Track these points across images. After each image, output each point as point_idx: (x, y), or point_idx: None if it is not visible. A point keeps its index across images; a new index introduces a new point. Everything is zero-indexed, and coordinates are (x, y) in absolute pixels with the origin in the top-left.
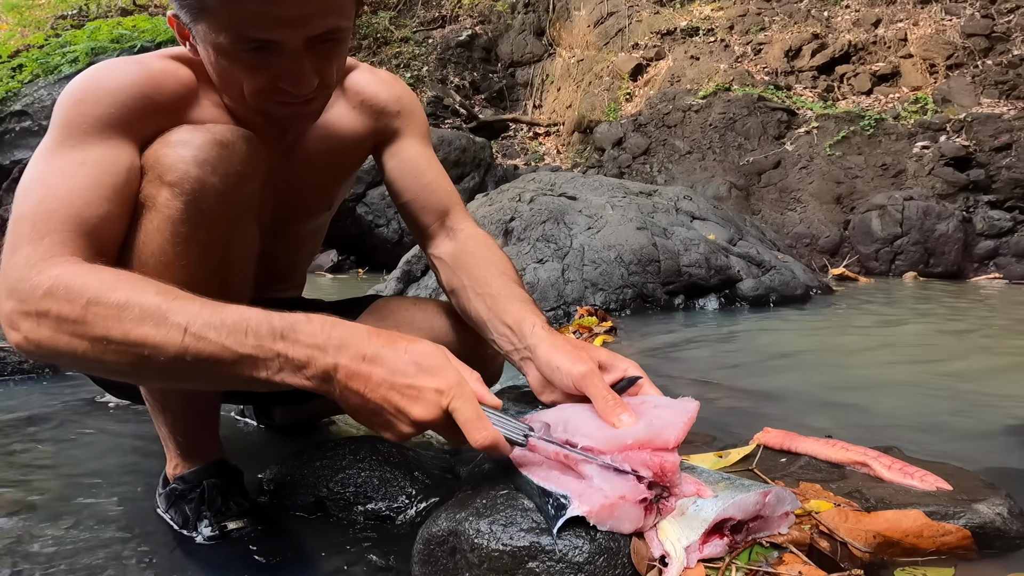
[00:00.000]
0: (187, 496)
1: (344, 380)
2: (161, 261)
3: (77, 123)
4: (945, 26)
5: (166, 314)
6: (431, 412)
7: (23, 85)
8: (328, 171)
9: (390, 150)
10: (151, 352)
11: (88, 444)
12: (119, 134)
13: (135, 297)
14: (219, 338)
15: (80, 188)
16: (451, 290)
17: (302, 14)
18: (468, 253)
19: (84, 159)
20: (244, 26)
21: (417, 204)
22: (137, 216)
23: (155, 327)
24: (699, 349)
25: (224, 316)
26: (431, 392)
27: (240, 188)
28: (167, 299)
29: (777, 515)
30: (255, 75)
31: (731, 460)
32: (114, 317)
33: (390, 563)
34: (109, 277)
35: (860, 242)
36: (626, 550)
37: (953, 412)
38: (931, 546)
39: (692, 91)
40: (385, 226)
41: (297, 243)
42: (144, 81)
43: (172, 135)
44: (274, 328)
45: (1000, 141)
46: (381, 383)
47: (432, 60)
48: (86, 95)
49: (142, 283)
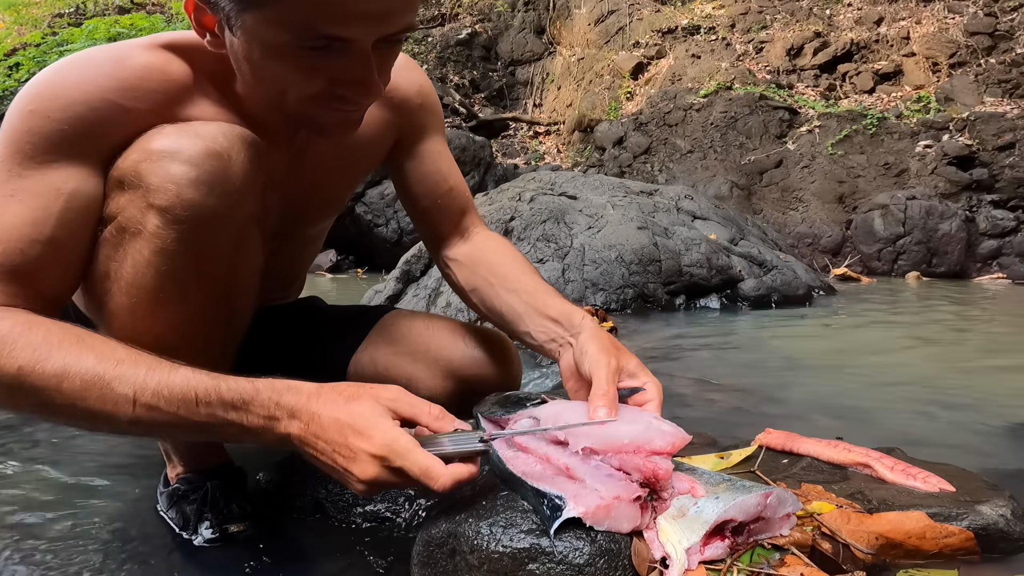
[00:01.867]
0: (189, 497)
1: (299, 445)
2: (158, 299)
3: (19, 141)
4: (948, 24)
5: (111, 384)
6: (370, 471)
7: (20, 84)
8: (341, 172)
9: (410, 151)
10: (103, 421)
11: (86, 444)
12: (72, 154)
13: (72, 366)
14: (170, 408)
15: (17, 226)
16: (472, 288)
17: (384, 9)
18: (491, 252)
19: (21, 187)
20: (313, 20)
21: (437, 211)
22: (118, 243)
23: (100, 401)
24: (700, 349)
25: (171, 384)
26: (364, 455)
27: (242, 205)
28: (109, 365)
29: (779, 516)
30: (311, 78)
31: (732, 461)
32: (53, 388)
33: (389, 565)
34: (41, 338)
35: (862, 242)
36: (627, 552)
37: (956, 413)
38: (934, 548)
39: (693, 90)
40: (384, 226)
41: (302, 247)
42: (115, 85)
43: (154, 141)
44: (224, 399)
45: (1003, 140)
46: (326, 446)
47: (431, 58)
48: (37, 106)
49: (78, 346)
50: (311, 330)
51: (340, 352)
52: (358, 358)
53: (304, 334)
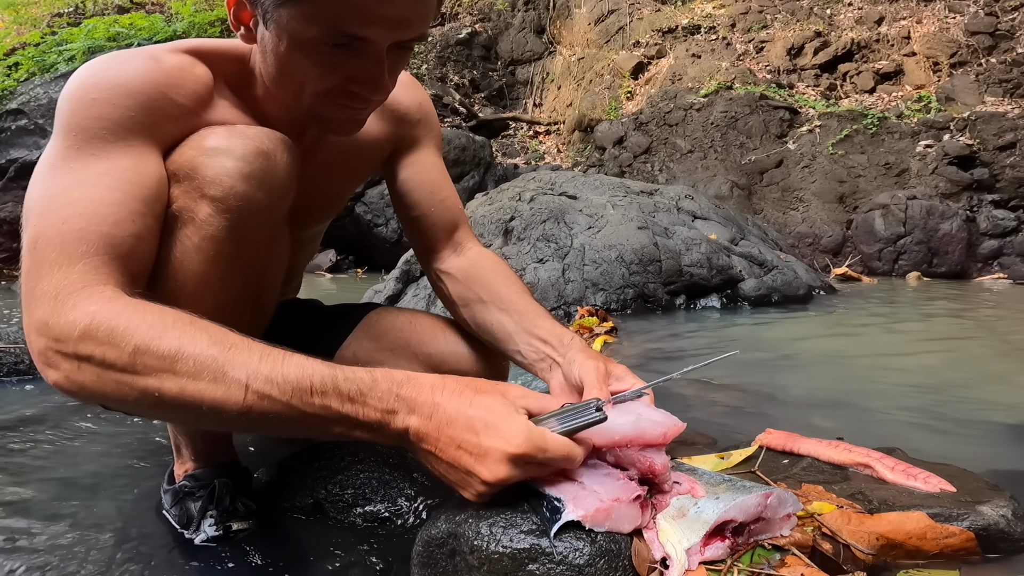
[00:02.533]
0: (195, 494)
1: (416, 442)
2: (202, 282)
3: (93, 127)
4: (949, 24)
5: (224, 368)
6: (500, 472)
7: (19, 83)
8: (341, 177)
9: (406, 160)
10: (210, 408)
11: (85, 445)
12: (142, 139)
13: (187, 346)
14: (283, 396)
15: (109, 203)
16: (464, 303)
17: (402, 16)
18: (485, 269)
19: (108, 169)
20: (340, 19)
21: (429, 220)
22: (169, 230)
23: (213, 383)
24: (701, 349)
25: (286, 371)
26: (498, 454)
27: (283, 201)
28: (222, 349)
29: (779, 517)
30: (329, 73)
31: (733, 462)
32: (167, 370)
33: (389, 565)
34: (155, 318)
35: (863, 242)
36: (627, 552)
37: (956, 413)
38: (934, 548)
39: (694, 89)
40: (384, 225)
41: (298, 248)
42: (163, 79)
43: (207, 140)
44: (340, 390)
45: (1004, 140)
46: (449, 443)
47: (431, 58)
48: (100, 94)
49: (191, 327)
50: (301, 327)
51: (325, 347)
52: (341, 353)
53: (294, 330)
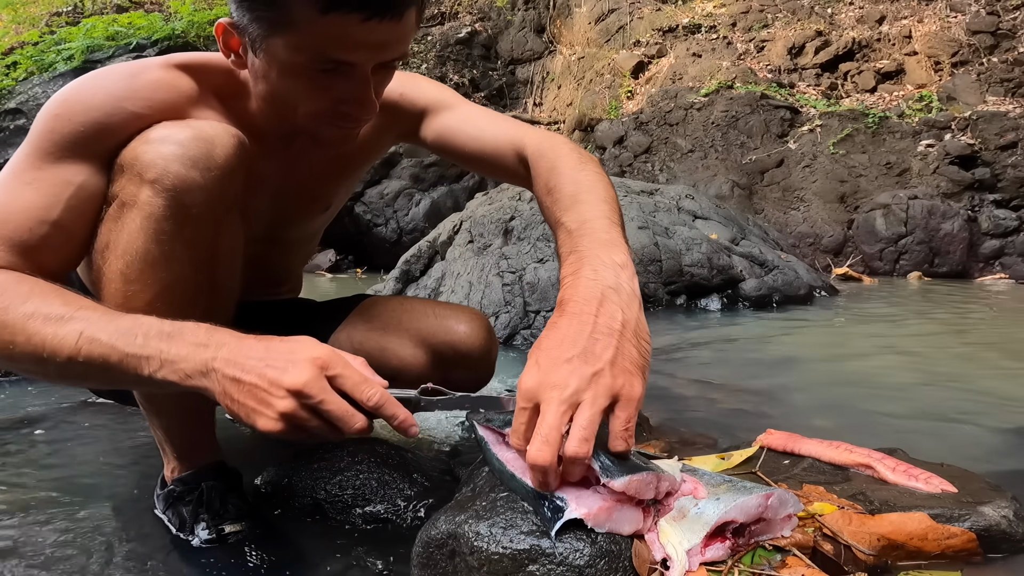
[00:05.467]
0: (185, 498)
1: (222, 368)
2: (147, 260)
3: (44, 140)
4: (950, 23)
5: (67, 322)
6: (304, 373)
7: (17, 83)
8: (332, 179)
9: (424, 130)
10: (49, 355)
11: (83, 445)
12: (82, 155)
13: (42, 307)
14: (109, 340)
15: (23, 209)
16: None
17: (383, 40)
18: (546, 171)
19: (33, 179)
20: (325, 46)
21: (483, 157)
22: (116, 217)
23: (55, 332)
24: (701, 349)
25: (120, 322)
26: (306, 359)
27: (223, 183)
28: (72, 308)
29: (780, 518)
30: (318, 96)
31: (733, 462)
32: (19, 325)
33: (389, 566)
34: (27, 288)
35: (864, 241)
36: (627, 553)
37: (958, 413)
38: (936, 549)
39: (694, 89)
40: (384, 225)
41: (292, 248)
42: (130, 95)
43: (152, 132)
44: (162, 331)
45: (1006, 139)
46: (257, 362)
47: (431, 57)
48: (62, 111)
49: (54, 294)
50: (298, 318)
51: (319, 334)
52: (336, 337)
53: (291, 322)
